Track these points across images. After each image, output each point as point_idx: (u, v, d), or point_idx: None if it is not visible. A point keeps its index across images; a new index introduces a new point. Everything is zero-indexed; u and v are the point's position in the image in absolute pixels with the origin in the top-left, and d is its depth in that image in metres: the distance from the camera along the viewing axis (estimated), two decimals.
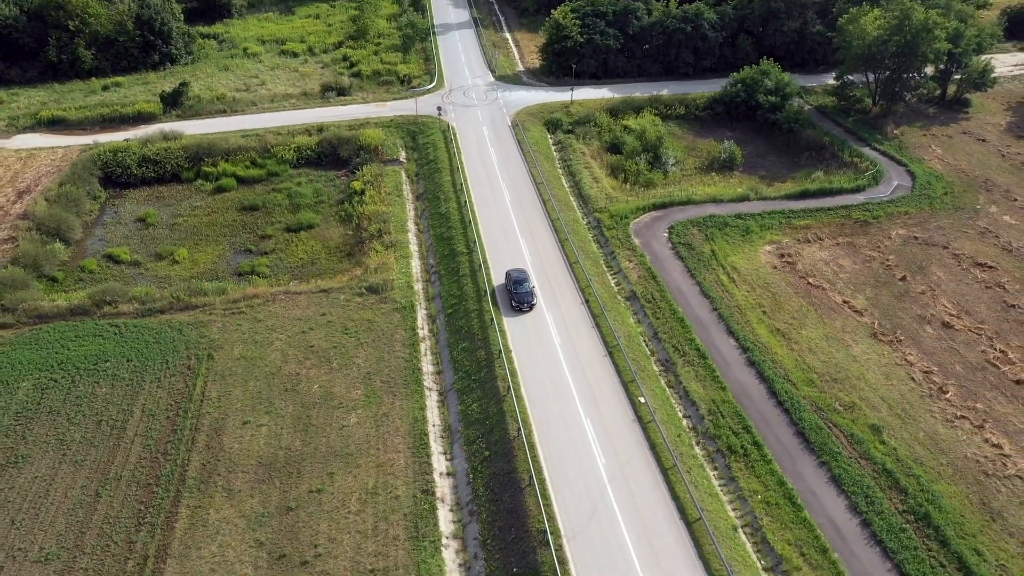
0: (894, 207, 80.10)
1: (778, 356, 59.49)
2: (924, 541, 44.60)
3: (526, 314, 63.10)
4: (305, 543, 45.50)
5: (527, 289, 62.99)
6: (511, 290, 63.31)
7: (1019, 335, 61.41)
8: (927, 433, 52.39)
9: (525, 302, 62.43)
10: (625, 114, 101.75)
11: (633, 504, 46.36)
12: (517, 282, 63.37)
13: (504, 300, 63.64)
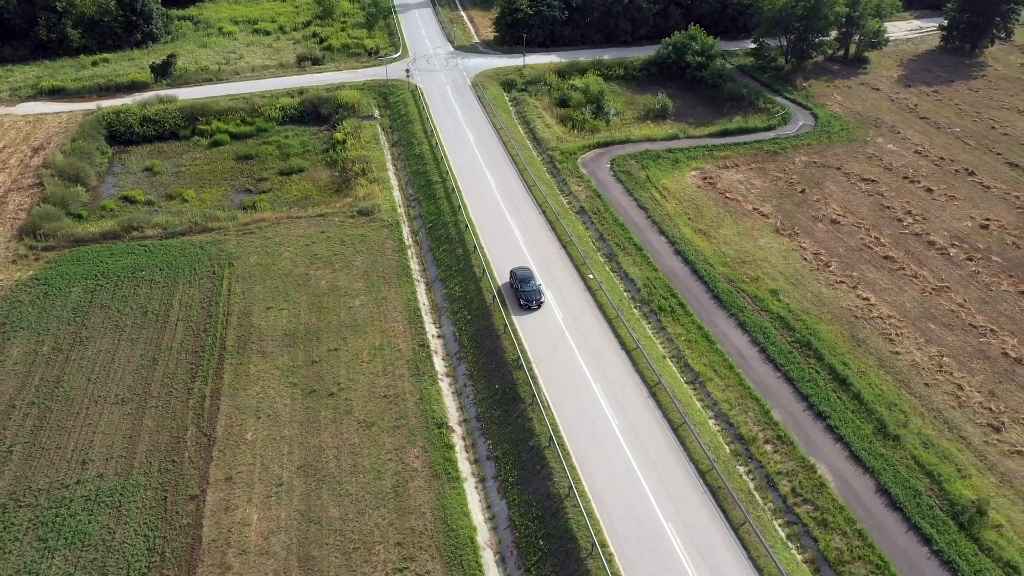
0: (799, 140, 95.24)
1: (699, 247, 73.69)
2: (806, 359, 59.02)
3: (497, 224, 76.15)
4: (329, 382, 58.01)
5: (534, 287, 62.97)
6: (518, 288, 63.30)
7: (890, 226, 76.63)
8: (813, 293, 67.01)
9: (533, 300, 62.22)
10: (571, 75, 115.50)
11: (585, 342, 59.99)
12: (523, 280, 63.43)
13: (512, 299, 63.93)
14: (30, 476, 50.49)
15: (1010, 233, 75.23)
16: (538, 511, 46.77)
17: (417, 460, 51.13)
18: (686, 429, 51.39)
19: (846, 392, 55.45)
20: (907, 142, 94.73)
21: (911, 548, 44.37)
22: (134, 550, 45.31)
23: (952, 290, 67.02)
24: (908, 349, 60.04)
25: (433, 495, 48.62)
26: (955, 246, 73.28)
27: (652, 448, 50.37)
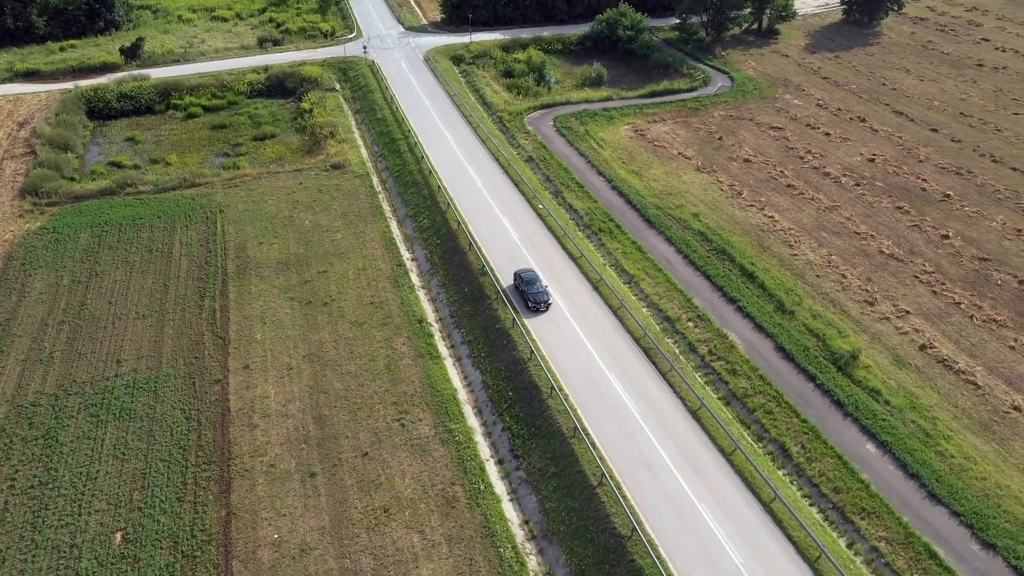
0: (717, 98, 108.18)
1: (632, 184, 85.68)
2: (721, 262, 71.26)
3: (456, 170, 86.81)
4: (322, 295, 68.10)
5: (541, 288, 63.22)
6: (524, 291, 63.28)
7: (793, 163, 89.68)
8: (728, 215, 79.46)
9: (542, 302, 62.16)
10: (515, 50, 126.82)
11: (538, 252, 71.31)
12: (529, 282, 63.49)
13: (519, 301, 63.95)
14: (73, 373, 59.51)
15: (892, 165, 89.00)
16: (506, 373, 57.90)
17: (403, 346, 61.73)
18: (624, 311, 63.09)
19: (753, 283, 67.84)
20: (810, 97, 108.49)
21: (800, 384, 56.73)
22: (174, 419, 54.92)
23: (842, 208, 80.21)
24: (804, 252, 72.83)
25: (419, 370, 59.31)
26: (846, 176, 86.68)
27: (596, 324, 61.95)
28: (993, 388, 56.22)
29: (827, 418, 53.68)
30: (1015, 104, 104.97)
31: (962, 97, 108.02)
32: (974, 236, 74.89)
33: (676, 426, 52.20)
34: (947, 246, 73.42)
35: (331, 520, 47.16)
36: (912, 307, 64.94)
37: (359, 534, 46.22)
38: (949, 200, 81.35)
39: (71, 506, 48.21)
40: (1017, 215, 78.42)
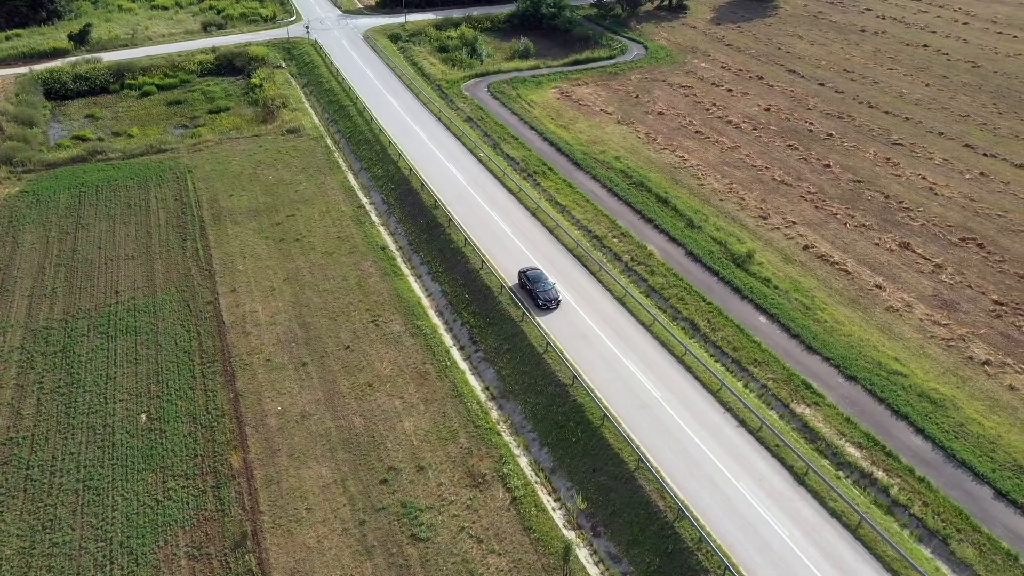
0: (633, 64, 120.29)
1: (561, 136, 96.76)
2: (640, 192, 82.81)
3: (404, 129, 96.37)
4: (293, 233, 77.09)
5: (549, 285, 63.28)
6: (532, 289, 63.22)
7: (700, 114, 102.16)
8: (645, 157, 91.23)
9: (552, 299, 62.29)
10: (447, 28, 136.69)
11: (482, 191, 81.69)
12: (535, 280, 63.48)
13: (527, 301, 63.70)
14: (76, 303, 67.28)
15: (784, 113, 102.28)
16: (461, 281, 68.20)
17: (371, 268, 71.41)
18: (559, 230, 74.04)
19: (667, 207, 79.59)
20: (715, 61, 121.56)
21: (706, 278, 68.49)
22: (175, 332, 63.47)
23: (741, 148, 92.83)
24: (710, 183, 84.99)
25: (386, 284, 69.11)
26: (745, 123, 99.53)
27: (535, 240, 72.72)
28: (860, 274, 69.05)
29: (728, 301, 65.57)
30: (890, 62, 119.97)
31: (846, 57, 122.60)
32: (851, 164, 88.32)
33: (605, 309, 63.34)
34: (828, 173, 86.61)
35: (324, 395, 56.68)
36: (798, 219, 77.64)
37: (349, 403, 55.90)
38: (831, 138, 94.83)
39: (97, 399, 56.49)
40: (887, 147, 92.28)
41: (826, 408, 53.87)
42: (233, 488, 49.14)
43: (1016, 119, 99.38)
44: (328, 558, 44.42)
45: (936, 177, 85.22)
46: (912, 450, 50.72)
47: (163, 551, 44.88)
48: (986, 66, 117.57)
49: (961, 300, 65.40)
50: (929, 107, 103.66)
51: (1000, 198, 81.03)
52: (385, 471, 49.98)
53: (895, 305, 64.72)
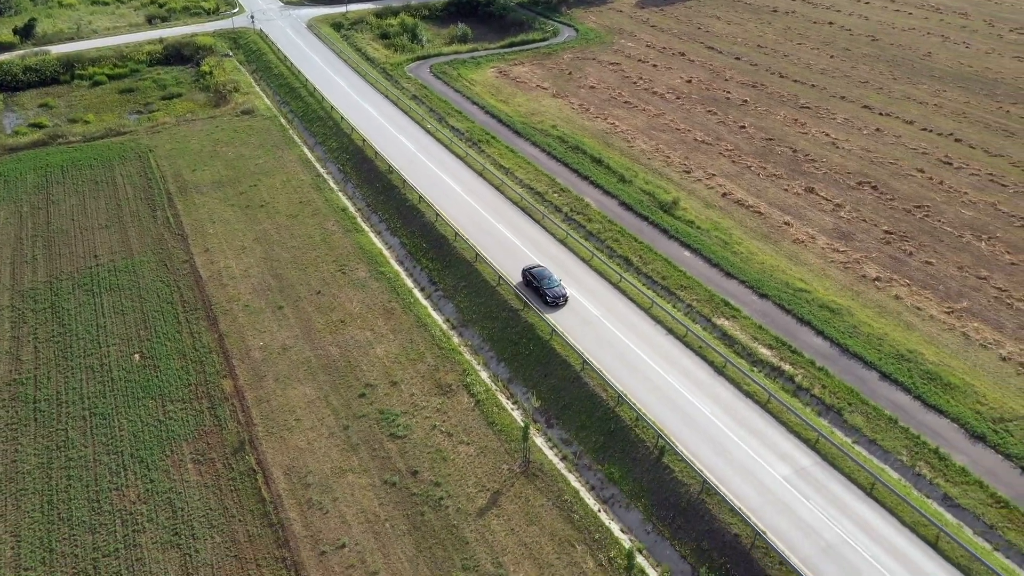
0: (565, 45, 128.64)
1: (502, 109, 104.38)
2: (576, 155, 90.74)
3: (354, 107, 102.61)
4: (257, 201, 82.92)
5: (557, 282, 63.60)
6: (538, 287, 63.34)
7: (628, 87, 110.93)
8: (579, 125, 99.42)
9: (561, 295, 62.55)
10: (387, 17, 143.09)
11: (432, 157, 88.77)
12: (541, 278, 63.66)
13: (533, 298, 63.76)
14: (58, 267, 72.11)
15: (704, 83, 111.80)
16: (419, 233, 75.24)
17: (333, 227, 77.87)
18: (504, 187, 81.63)
19: (601, 166, 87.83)
20: (641, 41, 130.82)
21: (638, 223, 76.84)
22: (156, 287, 68.99)
23: (666, 115, 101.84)
24: (638, 145, 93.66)
25: (349, 240, 75.69)
26: (669, 93, 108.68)
27: (483, 196, 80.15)
28: (772, 214, 78.34)
29: (657, 240, 74.06)
30: (799, 38, 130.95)
31: (759, 35, 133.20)
32: (763, 125, 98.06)
33: (550, 249, 71.20)
34: (744, 133, 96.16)
35: (301, 331, 63.15)
36: (717, 172, 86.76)
37: (324, 336, 62.51)
38: (746, 104, 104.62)
39: (90, 344, 61.90)
40: (795, 110, 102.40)
41: (742, 320, 62.62)
42: (227, 407, 55.34)
43: (908, 84, 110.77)
44: (319, 455, 51.11)
45: (838, 134, 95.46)
46: (814, 348, 59.74)
47: (171, 459, 50.94)
48: (883, 39, 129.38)
49: (856, 232, 75.16)
50: (833, 76, 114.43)
51: (892, 149, 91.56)
52: (362, 387, 56.80)
53: (801, 238, 74.10)
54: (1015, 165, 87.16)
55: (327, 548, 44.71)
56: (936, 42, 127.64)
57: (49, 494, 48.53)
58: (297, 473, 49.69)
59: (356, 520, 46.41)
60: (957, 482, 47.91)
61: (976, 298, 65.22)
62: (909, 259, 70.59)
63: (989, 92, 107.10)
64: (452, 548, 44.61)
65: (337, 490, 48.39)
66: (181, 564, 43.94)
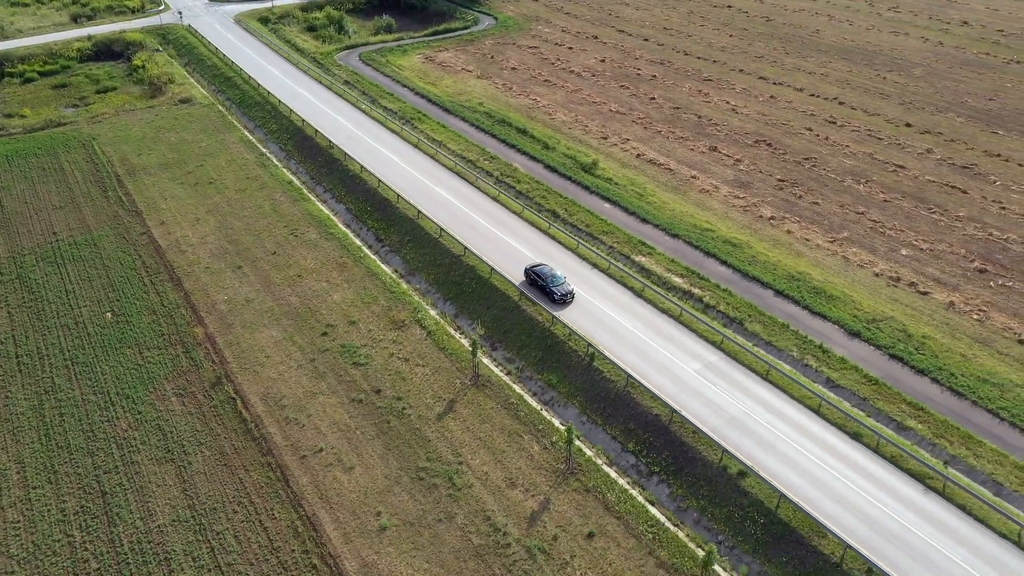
0: (486, 32, 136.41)
1: (431, 90, 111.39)
2: (502, 127, 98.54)
3: (290, 93, 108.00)
4: (206, 179, 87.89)
5: (563, 279, 63.91)
6: (544, 286, 63.57)
7: (547, 68, 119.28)
8: (504, 102, 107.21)
9: (568, 292, 62.96)
10: (313, 10, 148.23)
11: (369, 133, 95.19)
12: (546, 277, 63.84)
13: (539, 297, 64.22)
14: (18, 244, 75.87)
15: (617, 62, 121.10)
16: (363, 198, 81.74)
17: (281, 197, 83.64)
18: (439, 156, 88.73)
19: (526, 136, 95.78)
20: (556, 27, 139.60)
21: (562, 183, 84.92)
22: (118, 257, 73.65)
23: (583, 91, 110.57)
24: (559, 117, 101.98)
25: (298, 208, 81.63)
26: (585, 72, 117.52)
27: (420, 164, 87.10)
28: (680, 170, 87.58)
29: (580, 196, 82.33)
30: (701, 20, 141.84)
31: (665, 19, 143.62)
32: (671, 97, 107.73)
33: (484, 206, 78.73)
34: (654, 104, 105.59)
35: (261, 285, 69.03)
36: (631, 137, 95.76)
37: (284, 289, 68.55)
38: (655, 79, 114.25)
39: (62, 307, 66.43)
40: (699, 83, 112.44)
41: (657, 256, 71.35)
42: (201, 351, 61.01)
43: (798, 57, 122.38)
44: (291, 383, 57.40)
45: (737, 101, 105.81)
46: (719, 275, 68.82)
47: (155, 394, 56.44)
48: (776, 19, 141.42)
49: (754, 181, 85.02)
50: (732, 52, 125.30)
51: (784, 113, 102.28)
52: (324, 328, 63.20)
53: (706, 188, 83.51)
54: (889, 122, 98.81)
55: (307, 453, 51.13)
56: (823, 21, 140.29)
57: (45, 429, 53.43)
58: (272, 398, 55.85)
59: (330, 430, 52.94)
60: (837, 368, 57.34)
61: (855, 229, 75.54)
62: (799, 201, 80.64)
63: (869, 62, 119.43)
64: (416, 445, 51.61)
65: (310, 408, 54.80)
66: (177, 474, 49.71)
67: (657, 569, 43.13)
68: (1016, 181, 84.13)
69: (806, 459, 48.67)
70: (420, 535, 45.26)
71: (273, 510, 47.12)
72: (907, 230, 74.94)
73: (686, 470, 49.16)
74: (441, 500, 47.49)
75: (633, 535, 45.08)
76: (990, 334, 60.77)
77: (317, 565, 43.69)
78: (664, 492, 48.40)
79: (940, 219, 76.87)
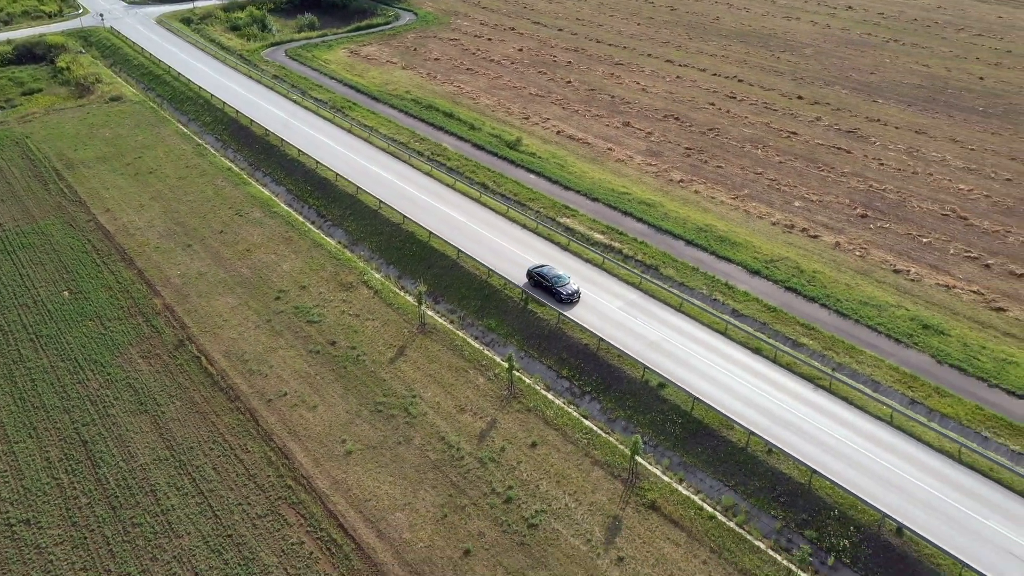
0: (408, 27, 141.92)
1: (358, 82, 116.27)
2: (429, 112, 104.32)
3: (221, 87, 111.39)
4: (145, 170, 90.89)
5: (568, 279, 64.28)
6: (550, 286, 63.75)
7: (468, 58, 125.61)
8: (429, 90, 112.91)
9: (574, 292, 63.16)
10: (235, 10, 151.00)
11: (303, 121, 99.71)
12: (550, 277, 64.13)
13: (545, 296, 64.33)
14: None
15: (534, 51, 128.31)
16: (302, 180, 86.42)
17: (223, 182, 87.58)
18: (372, 139, 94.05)
19: (453, 119, 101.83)
20: (475, 20, 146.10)
21: (490, 159, 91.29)
22: (67, 241, 76.55)
23: (504, 77, 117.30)
24: (483, 101, 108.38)
25: (240, 191, 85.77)
26: (505, 60, 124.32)
27: (354, 148, 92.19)
28: (597, 143, 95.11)
29: (507, 169, 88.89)
30: (610, 11, 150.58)
31: (578, 11, 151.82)
32: (586, 80, 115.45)
33: (418, 180, 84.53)
34: (570, 87, 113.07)
35: (212, 260, 73.22)
36: (551, 116, 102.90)
37: (235, 262, 72.92)
38: (571, 64, 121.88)
39: (18, 289, 69.27)
40: (611, 67, 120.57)
41: (580, 217, 78.42)
42: (161, 319, 65.05)
43: (701, 42, 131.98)
44: (251, 340, 62.09)
45: (646, 82, 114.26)
46: (636, 231, 76.30)
47: (121, 357, 60.36)
48: (680, 9, 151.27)
49: (664, 150, 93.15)
50: (640, 39, 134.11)
51: (689, 91, 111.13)
52: (277, 293, 67.98)
53: (621, 158, 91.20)
54: (783, 95, 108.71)
55: (272, 397, 56.10)
56: (723, 9, 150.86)
57: (19, 393, 56.83)
58: (235, 354, 60.52)
59: (292, 377, 58.00)
60: (741, 301, 65.31)
61: (754, 187, 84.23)
62: (704, 165, 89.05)
63: (764, 44, 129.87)
64: (373, 385, 57.16)
65: (271, 361, 59.71)
66: (152, 422, 54.02)
67: (593, 466, 49.84)
68: (892, 142, 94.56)
69: (716, 371, 56.25)
70: (383, 455, 50.87)
71: (246, 446, 51.97)
72: (799, 186, 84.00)
73: (613, 387, 56.11)
74: (399, 427, 53.17)
75: (571, 442, 51.71)
76: (870, 267, 69.81)
77: (292, 485, 48.85)
78: (596, 407, 55.22)
79: (827, 175, 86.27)
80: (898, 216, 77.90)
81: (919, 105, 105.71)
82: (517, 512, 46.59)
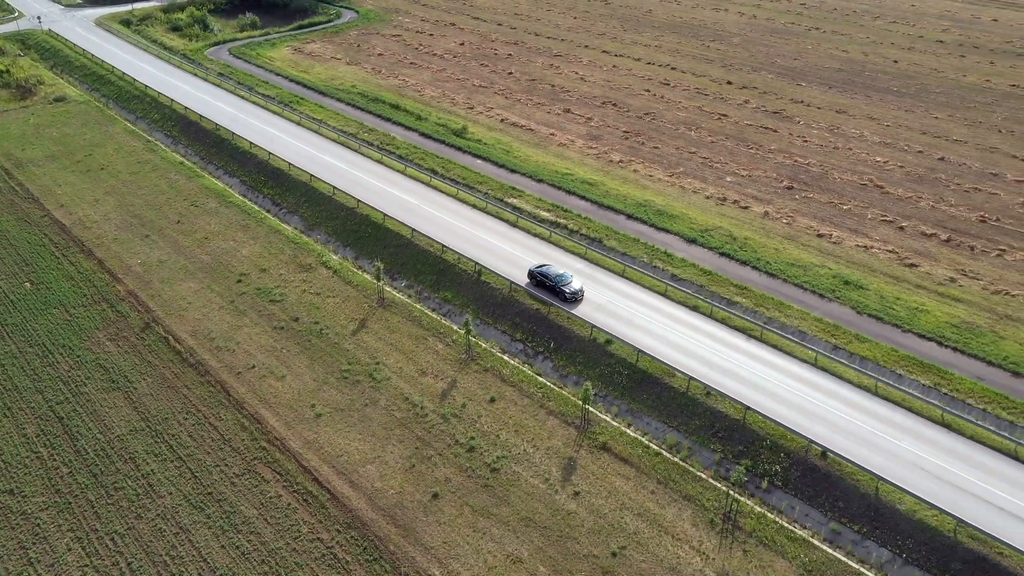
0: (350, 24, 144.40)
1: (304, 77, 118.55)
2: (377, 105, 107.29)
3: (166, 85, 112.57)
4: (96, 166, 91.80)
5: (570, 277, 64.17)
6: (554, 286, 63.75)
7: (411, 53, 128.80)
8: (375, 84, 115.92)
9: (578, 290, 63.25)
10: (175, 11, 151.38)
11: (252, 115, 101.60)
12: (552, 276, 64.21)
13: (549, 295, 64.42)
14: None
15: (475, 45, 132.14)
16: (255, 171, 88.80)
17: (177, 176, 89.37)
18: (322, 129, 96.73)
19: (399, 110, 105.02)
20: (416, 17, 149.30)
21: (437, 146, 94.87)
22: (24, 237, 77.65)
23: (447, 70, 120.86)
24: (428, 92, 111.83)
25: (194, 183, 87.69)
26: (447, 54, 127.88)
27: (304, 139, 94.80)
28: (540, 130, 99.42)
29: (454, 156, 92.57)
30: (547, 5, 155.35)
31: (515, 6, 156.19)
32: (527, 71, 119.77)
33: (369, 168, 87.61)
34: (512, 78, 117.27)
35: (172, 249, 75.25)
36: (494, 106, 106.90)
37: (194, 249, 75.11)
38: (511, 57, 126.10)
39: None
40: (550, 59, 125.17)
41: (526, 196, 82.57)
42: (126, 305, 67.02)
43: (635, 33, 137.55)
44: (216, 320, 64.60)
45: (584, 72, 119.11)
46: (580, 208, 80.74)
47: (89, 341, 62.30)
48: (614, 2, 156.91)
49: (604, 134, 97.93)
50: (577, 32, 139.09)
51: (625, 79, 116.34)
52: (238, 276, 70.49)
53: (563, 142, 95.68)
54: (713, 81, 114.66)
55: (241, 370, 58.83)
56: (655, 2, 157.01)
57: None
58: (201, 333, 62.98)
59: (259, 352, 60.78)
60: (679, 266, 70.20)
61: (688, 165, 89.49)
62: (642, 147, 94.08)
63: (695, 35, 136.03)
64: (337, 355, 60.31)
65: (237, 337, 62.37)
66: (126, 398, 56.28)
67: (548, 416, 53.95)
68: (815, 120, 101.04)
69: (657, 326, 60.92)
70: (351, 416, 54.16)
71: (219, 414, 54.70)
72: (730, 163, 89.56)
73: (564, 347, 60.32)
74: (365, 391, 56.50)
75: (526, 396, 55.75)
76: (796, 232, 75.49)
77: (266, 447, 51.81)
78: (548, 366, 59.36)
79: (756, 152, 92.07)
80: (821, 187, 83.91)
81: (839, 87, 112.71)
82: (480, 459, 50.37)
